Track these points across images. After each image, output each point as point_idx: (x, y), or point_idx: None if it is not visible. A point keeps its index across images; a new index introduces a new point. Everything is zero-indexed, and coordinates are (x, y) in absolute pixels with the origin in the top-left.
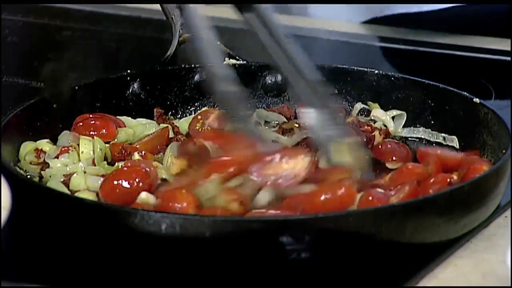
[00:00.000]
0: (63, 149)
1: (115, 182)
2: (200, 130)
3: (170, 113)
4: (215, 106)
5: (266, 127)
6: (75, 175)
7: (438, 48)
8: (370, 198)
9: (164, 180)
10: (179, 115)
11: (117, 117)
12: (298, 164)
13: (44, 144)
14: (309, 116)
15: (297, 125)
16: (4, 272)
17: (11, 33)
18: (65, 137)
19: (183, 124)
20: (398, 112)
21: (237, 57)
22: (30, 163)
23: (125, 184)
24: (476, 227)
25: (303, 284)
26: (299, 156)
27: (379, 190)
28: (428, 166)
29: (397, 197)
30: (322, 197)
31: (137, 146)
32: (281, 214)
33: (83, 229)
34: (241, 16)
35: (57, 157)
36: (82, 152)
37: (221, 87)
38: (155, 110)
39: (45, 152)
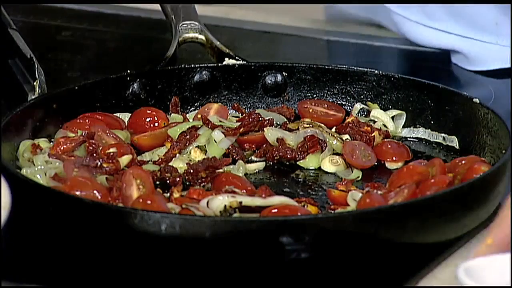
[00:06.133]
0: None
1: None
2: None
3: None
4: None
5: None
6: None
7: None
8: (369, 200)
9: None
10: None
11: (119, 114)
12: None
13: (42, 141)
14: None
15: (301, 124)
16: (4, 272)
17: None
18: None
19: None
20: (398, 112)
21: (237, 57)
22: (28, 160)
23: None
24: (476, 227)
25: (303, 284)
26: None
27: (379, 192)
28: (432, 167)
29: (395, 200)
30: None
31: (135, 140)
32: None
33: (83, 229)
34: None
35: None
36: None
37: None
38: (173, 98)
39: (41, 149)
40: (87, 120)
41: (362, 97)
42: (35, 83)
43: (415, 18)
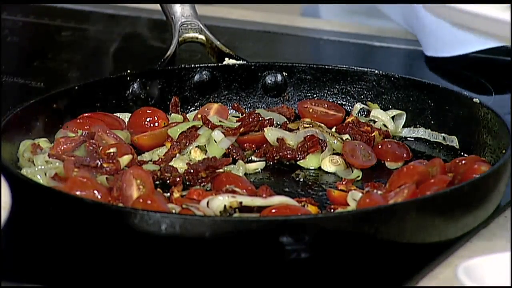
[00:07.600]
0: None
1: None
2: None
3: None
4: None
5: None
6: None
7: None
8: (369, 200)
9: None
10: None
11: (119, 114)
12: None
13: (42, 141)
14: None
15: (301, 124)
16: (4, 272)
17: (11, 33)
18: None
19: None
20: (398, 112)
21: (237, 57)
22: (28, 160)
23: None
24: (476, 227)
25: (303, 284)
26: None
27: (379, 192)
28: (432, 167)
29: (395, 200)
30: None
31: (135, 140)
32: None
33: (83, 229)
34: None
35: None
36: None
37: None
38: (173, 98)
39: (41, 149)
40: (87, 120)
41: (362, 97)
42: None
43: None
